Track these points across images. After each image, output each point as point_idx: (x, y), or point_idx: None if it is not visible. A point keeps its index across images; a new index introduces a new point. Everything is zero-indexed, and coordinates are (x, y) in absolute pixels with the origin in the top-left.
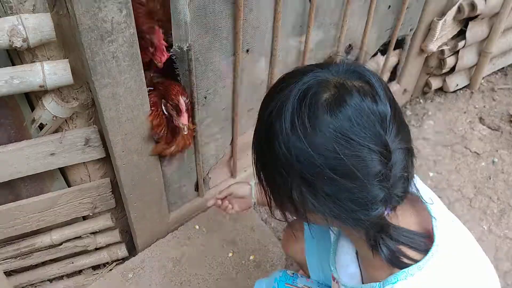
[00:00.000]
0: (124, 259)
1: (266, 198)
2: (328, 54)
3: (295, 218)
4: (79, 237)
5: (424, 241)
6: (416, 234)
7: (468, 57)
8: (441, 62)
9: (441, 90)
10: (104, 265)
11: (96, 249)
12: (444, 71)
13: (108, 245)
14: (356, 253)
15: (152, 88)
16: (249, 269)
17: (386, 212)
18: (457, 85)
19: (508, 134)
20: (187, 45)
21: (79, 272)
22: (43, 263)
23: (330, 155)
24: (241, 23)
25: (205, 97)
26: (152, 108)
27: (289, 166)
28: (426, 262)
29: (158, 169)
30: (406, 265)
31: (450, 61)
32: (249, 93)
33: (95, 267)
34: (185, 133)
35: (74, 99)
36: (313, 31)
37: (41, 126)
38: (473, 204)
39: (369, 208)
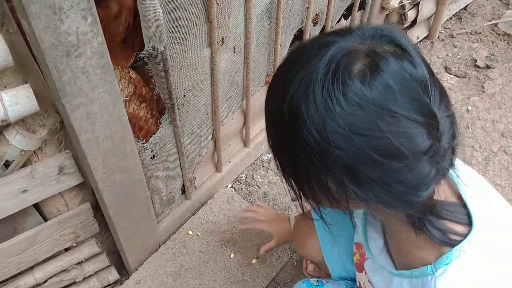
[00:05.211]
0: (115, 282)
1: (296, 194)
2: (298, 26)
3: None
4: (64, 270)
5: (464, 211)
6: (457, 206)
7: (427, 8)
8: (402, 16)
9: None
10: None
11: (85, 278)
12: (406, 25)
13: (96, 272)
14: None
15: None
16: (255, 267)
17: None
18: (418, 37)
19: (475, 79)
20: (163, 45)
21: None
22: None
23: (373, 134)
24: (215, 10)
25: (184, 96)
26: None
27: (324, 153)
28: (474, 234)
29: (143, 183)
30: (456, 242)
31: (411, 15)
32: (226, 83)
33: None
34: None
35: (41, 126)
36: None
37: (7, 164)
38: (457, 156)
39: (420, 188)
